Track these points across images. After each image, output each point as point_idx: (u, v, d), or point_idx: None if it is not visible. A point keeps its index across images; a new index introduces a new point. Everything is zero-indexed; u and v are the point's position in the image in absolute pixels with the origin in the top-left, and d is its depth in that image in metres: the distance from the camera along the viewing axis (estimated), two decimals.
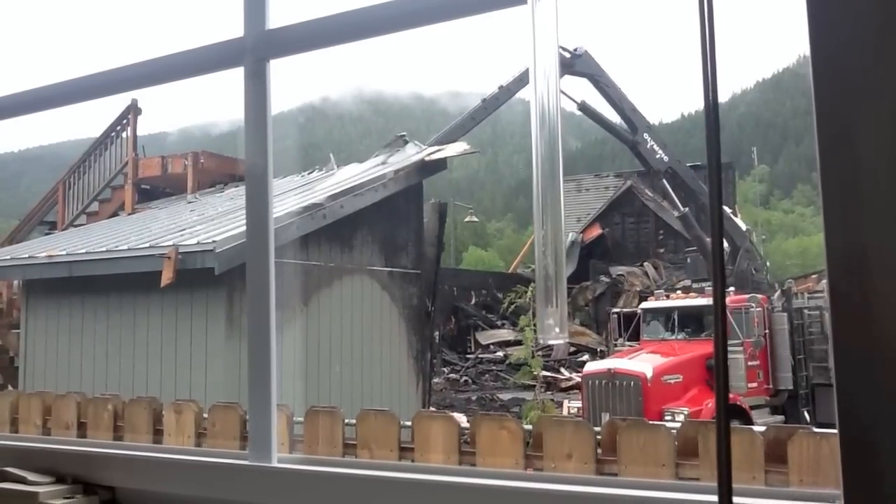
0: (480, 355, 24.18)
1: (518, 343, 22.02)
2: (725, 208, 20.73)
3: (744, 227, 19.08)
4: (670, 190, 17.53)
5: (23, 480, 2.34)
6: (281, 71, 2.26)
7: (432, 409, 12.46)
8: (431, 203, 13.17)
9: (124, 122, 15.64)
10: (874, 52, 1.28)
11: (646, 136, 16.65)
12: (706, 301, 13.41)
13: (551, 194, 1.52)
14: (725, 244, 17.02)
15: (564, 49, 15.08)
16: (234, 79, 2.32)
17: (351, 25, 2.07)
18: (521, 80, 15.25)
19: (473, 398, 18.91)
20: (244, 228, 2.28)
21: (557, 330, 1.51)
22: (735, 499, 1.27)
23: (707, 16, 1.32)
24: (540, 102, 1.60)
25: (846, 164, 1.29)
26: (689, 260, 22.10)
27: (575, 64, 15.50)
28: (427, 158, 12.49)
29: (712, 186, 1.34)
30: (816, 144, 1.32)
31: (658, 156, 16.62)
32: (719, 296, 1.29)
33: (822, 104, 1.32)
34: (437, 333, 17.95)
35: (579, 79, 16.15)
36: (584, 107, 15.92)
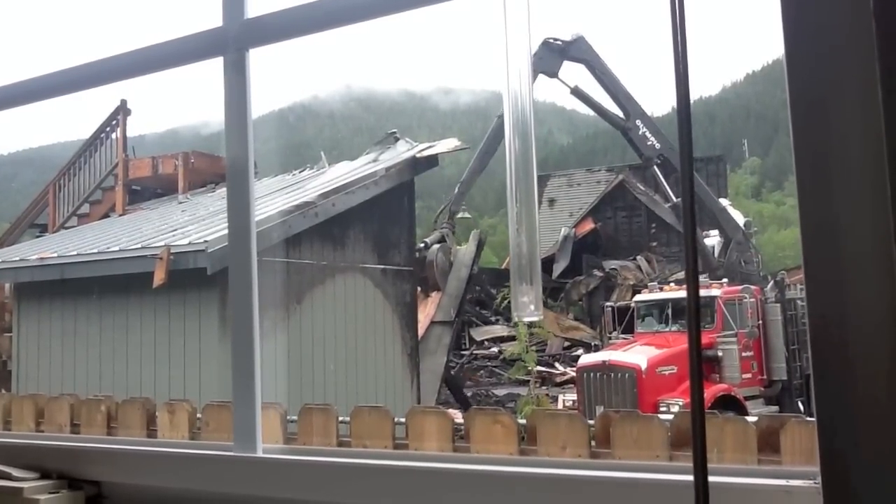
0: (475, 351, 24.16)
1: (512, 339, 22.06)
2: (723, 200, 20.77)
3: (742, 219, 19.06)
4: (662, 178, 17.48)
5: (8, 476, 2.34)
6: (270, 70, 2.24)
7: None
8: (473, 233, 15.08)
9: (114, 122, 15.56)
10: (846, 43, 1.29)
11: (638, 122, 16.59)
12: (700, 293, 13.36)
13: (524, 171, 1.51)
14: (718, 236, 17.07)
15: (556, 39, 15.06)
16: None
17: (331, 12, 2.05)
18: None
19: (469, 394, 18.90)
20: None
21: (532, 307, 1.50)
22: (711, 478, 1.27)
23: (678, 9, 1.32)
24: (511, 82, 1.59)
25: (819, 149, 1.30)
26: None
27: (569, 49, 15.43)
28: (418, 155, 12.49)
29: (684, 168, 1.33)
30: (791, 132, 1.33)
31: (650, 143, 16.53)
32: (692, 281, 1.29)
33: (794, 84, 1.33)
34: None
35: (573, 70, 16.11)
36: (576, 91, 15.87)
